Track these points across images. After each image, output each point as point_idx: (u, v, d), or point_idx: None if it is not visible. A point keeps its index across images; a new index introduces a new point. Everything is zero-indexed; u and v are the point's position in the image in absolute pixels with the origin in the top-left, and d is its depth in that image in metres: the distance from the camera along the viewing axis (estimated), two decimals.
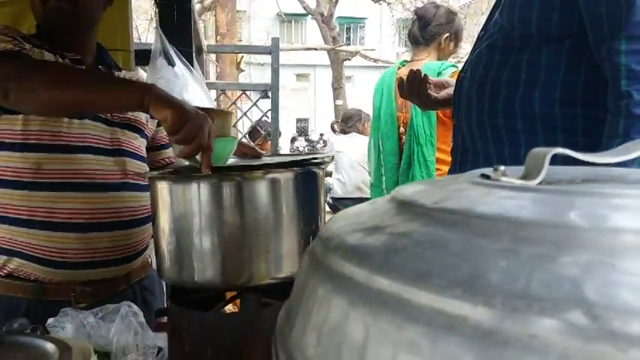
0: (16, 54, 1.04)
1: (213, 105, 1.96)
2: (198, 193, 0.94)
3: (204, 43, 2.96)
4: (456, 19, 2.09)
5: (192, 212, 0.94)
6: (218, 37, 4.76)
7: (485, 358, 0.21)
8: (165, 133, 1.43)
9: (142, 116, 1.32)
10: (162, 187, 0.97)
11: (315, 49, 11.30)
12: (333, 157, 1.08)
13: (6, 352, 0.68)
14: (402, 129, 2.00)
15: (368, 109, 4.87)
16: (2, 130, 1.14)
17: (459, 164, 1.14)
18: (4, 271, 1.15)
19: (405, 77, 1.34)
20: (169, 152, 1.41)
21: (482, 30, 1.14)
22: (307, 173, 1.01)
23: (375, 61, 12.58)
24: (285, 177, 0.97)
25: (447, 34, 2.05)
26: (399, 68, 2.12)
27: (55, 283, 1.16)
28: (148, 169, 1.32)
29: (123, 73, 1.34)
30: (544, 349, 0.20)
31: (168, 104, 0.92)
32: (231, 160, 1.15)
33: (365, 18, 21.26)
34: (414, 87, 1.31)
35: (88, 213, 1.16)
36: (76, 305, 1.15)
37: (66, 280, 1.16)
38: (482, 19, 1.19)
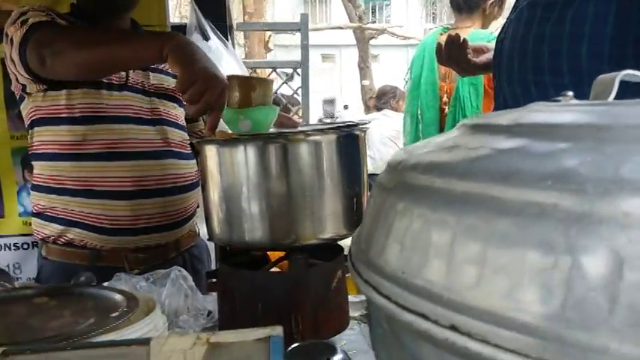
0: (49, 23, 1.08)
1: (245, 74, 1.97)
2: (245, 156, 0.97)
3: (234, 21, 2.98)
4: None
5: (240, 174, 0.97)
6: (245, 17, 4.77)
7: (579, 237, 0.23)
8: None
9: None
10: (210, 150, 1.00)
11: (341, 27, 11.18)
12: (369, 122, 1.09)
13: (76, 301, 0.73)
14: (445, 99, 1.97)
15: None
16: (47, 106, 1.19)
17: None
18: (63, 239, 1.21)
19: (443, 43, 1.33)
20: (201, 125, 1.43)
21: None
22: (349, 136, 1.02)
23: (403, 38, 12.38)
24: (328, 139, 0.99)
25: (492, 0, 1.99)
26: (440, 35, 2.06)
27: (108, 250, 1.21)
28: (187, 137, 1.35)
29: None
30: (638, 225, 0.22)
31: (181, 61, 0.94)
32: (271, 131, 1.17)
33: None
34: (452, 52, 1.29)
35: (134, 181, 1.20)
36: (129, 272, 1.20)
37: (118, 247, 1.22)
38: None
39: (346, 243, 1.08)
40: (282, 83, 3.27)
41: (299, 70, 3.17)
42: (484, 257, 0.25)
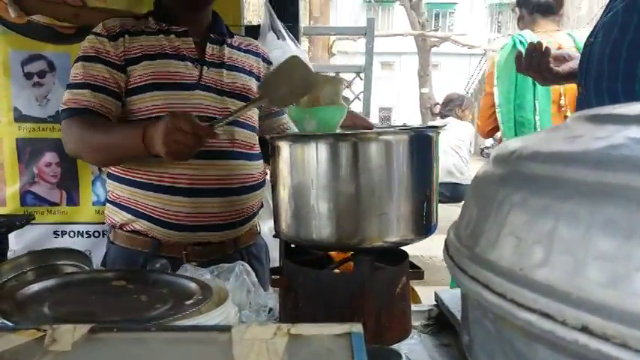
0: (74, 117, 1.21)
1: None
2: (316, 153, 0.96)
3: (301, 25, 3.01)
4: None
5: (310, 171, 0.96)
6: (311, 21, 4.82)
7: None
8: None
9: (253, 84, 1.35)
10: (282, 147, 1.00)
11: (403, 35, 11.09)
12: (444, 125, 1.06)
13: (152, 287, 0.74)
14: (562, 101, 1.86)
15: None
16: (128, 110, 1.24)
17: None
18: (129, 227, 1.25)
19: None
20: (285, 119, 1.43)
21: None
22: (422, 136, 0.99)
23: (466, 46, 12.12)
24: (400, 139, 0.97)
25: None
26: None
27: (169, 241, 1.24)
28: (257, 138, 1.35)
29: (236, 38, 1.36)
30: None
31: (155, 145, 1.07)
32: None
33: (455, 3, 20.52)
34: (533, 61, 1.23)
35: (197, 178, 1.21)
36: (187, 263, 1.22)
37: (179, 241, 1.24)
38: (584, 3, 1.12)
39: (412, 248, 1.06)
40: (345, 87, 3.27)
41: (361, 75, 3.16)
42: (625, 253, 0.23)
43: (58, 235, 1.78)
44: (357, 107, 3.61)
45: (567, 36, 1.91)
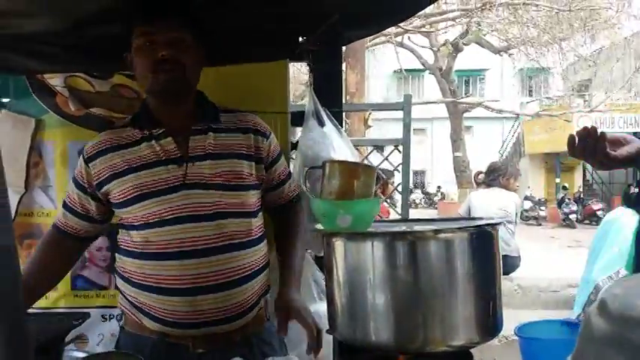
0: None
1: (356, 159, 1.97)
2: (372, 251, 0.94)
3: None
4: None
5: (367, 271, 0.94)
6: (347, 97, 4.95)
7: None
8: (282, 169, 1.38)
9: (242, 167, 1.29)
10: (337, 244, 0.98)
11: (436, 102, 11.24)
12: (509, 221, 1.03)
13: None
14: None
15: (487, 159, 4.65)
16: (124, 218, 1.28)
17: None
18: (137, 317, 1.28)
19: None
20: (287, 187, 1.40)
21: None
22: (482, 233, 0.96)
23: (499, 111, 12.15)
24: (460, 237, 0.94)
25: None
26: None
27: (173, 333, 1.24)
28: (252, 224, 1.29)
29: (225, 118, 1.32)
30: None
31: None
32: None
33: (485, 70, 20.85)
34: (588, 145, 1.17)
35: (191, 278, 1.21)
36: (193, 351, 1.23)
37: (182, 334, 1.24)
38: (617, 66, 1.08)
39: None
40: (383, 160, 3.28)
41: (399, 148, 3.17)
42: None
43: (106, 319, 1.77)
44: (396, 178, 3.62)
45: None
